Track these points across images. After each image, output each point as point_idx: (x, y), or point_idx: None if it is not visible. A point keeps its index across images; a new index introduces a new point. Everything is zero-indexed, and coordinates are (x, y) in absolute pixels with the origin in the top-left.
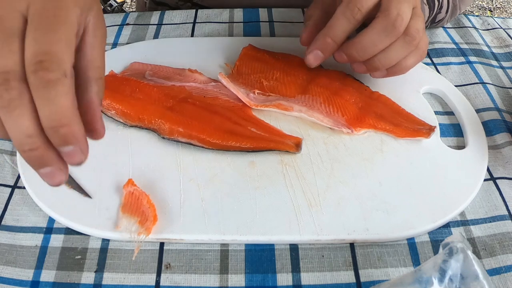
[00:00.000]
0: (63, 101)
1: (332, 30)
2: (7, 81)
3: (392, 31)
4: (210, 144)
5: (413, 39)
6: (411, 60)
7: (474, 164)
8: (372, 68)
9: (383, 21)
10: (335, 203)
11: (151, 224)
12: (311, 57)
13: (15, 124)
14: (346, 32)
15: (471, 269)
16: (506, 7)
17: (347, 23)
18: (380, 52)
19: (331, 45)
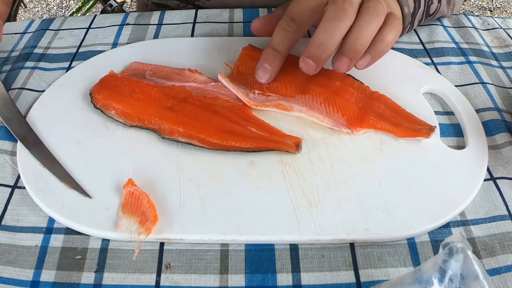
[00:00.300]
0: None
1: (272, 41)
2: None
3: (344, 14)
4: (210, 144)
5: (376, 10)
6: (388, 34)
7: (474, 164)
8: (352, 53)
9: (331, 9)
10: (335, 203)
11: (151, 224)
12: (260, 72)
13: None
14: (287, 40)
15: (471, 269)
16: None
17: (284, 32)
18: (350, 33)
19: (273, 54)
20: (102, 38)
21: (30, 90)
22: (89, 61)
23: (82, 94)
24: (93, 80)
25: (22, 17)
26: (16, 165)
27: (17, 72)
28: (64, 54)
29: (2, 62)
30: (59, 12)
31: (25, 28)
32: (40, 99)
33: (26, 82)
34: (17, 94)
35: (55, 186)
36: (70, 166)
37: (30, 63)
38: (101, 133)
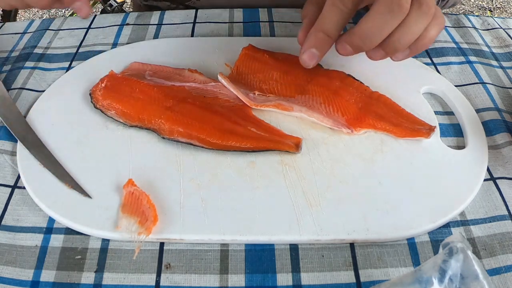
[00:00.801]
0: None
1: (323, 23)
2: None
3: (398, 10)
4: (210, 144)
5: (429, 7)
6: (432, 31)
7: (474, 164)
8: (392, 51)
9: (386, 1)
10: (335, 203)
11: (151, 224)
12: (305, 57)
13: None
14: (339, 23)
15: (471, 269)
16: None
17: (338, 12)
18: (396, 31)
19: (325, 40)
20: (102, 38)
21: (30, 90)
22: (89, 61)
23: (82, 94)
24: (93, 80)
25: (22, 17)
26: (16, 165)
27: (17, 72)
28: (64, 54)
29: (2, 62)
30: (59, 12)
31: (25, 28)
32: (40, 99)
33: (26, 82)
34: (17, 94)
35: (55, 186)
36: (70, 166)
37: (30, 63)
38: (101, 133)
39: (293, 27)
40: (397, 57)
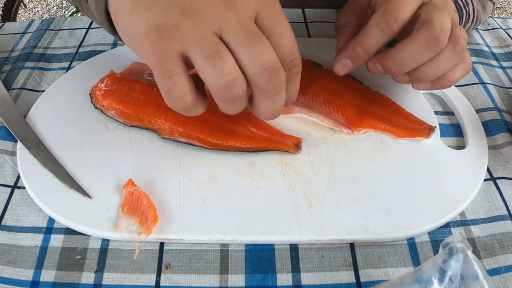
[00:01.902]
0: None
1: (365, 40)
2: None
3: (436, 45)
4: (210, 144)
5: (462, 49)
6: (458, 73)
7: (474, 164)
8: (416, 80)
9: (426, 34)
10: (335, 203)
11: (152, 224)
12: (339, 66)
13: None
14: (379, 44)
15: (471, 269)
16: (506, 7)
17: (381, 34)
18: (426, 64)
19: (361, 55)
20: (102, 38)
21: (30, 90)
22: (89, 61)
23: (82, 94)
24: (93, 80)
25: (22, 17)
26: (16, 165)
27: (17, 72)
28: (64, 54)
29: (2, 62)
30: (59, 12)
31: (25, 28)
32: (40, 99)
33: (26, 82)
34: (17, 94)
35: (55, 186)
36: (70, 166)
37: (30, 63)
38: (101, 133)
39: (293, 27)
40: (417, 86)
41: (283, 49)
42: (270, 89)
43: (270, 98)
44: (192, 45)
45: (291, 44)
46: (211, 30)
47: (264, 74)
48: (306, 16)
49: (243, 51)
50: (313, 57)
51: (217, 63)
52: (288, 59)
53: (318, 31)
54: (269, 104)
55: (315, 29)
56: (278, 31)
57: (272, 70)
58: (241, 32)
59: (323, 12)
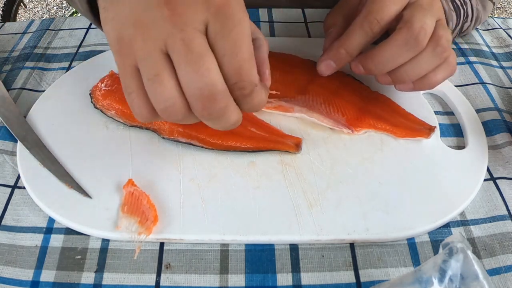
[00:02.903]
0: (259, 99)
1: (348, 41)
2: (215, 94)
3: (414, 45)
4: (210, 144)
5: (443, 50)
6: (440, 74)
7: (474, 164)
8: (398, 81)
9: (405, 34)
10: (335, 203)
11: (152, 224)
12: (323, 66)
13: (227, 121)
14: (361, 45)
15: (471, 269)
16: (506, 7)
17: (363, 35)
18: (406, 64)
19: (344, 56)
20: (102, 38)
21: (30, 90)
22: (89, 61)
23: (82, 94)
24: (93, 80)
25: (22, 17)
26: (16, 165)
27: (17, 72)
28: (64, 54)
29: (2, 62)
30: (59, 12)
31: (25, 28)
32: (40, 99)
33: (26, 82)
34: (17, 94)
35: (55, 186)
36: (70, 166)
37: (30, 63)
38: (101, 133)
39: (293, 27)
40: (399, 87)
41: (227, 69)
42: (206, 116)
43: (211, 122)
44: (140, 63)
45: (236, 64)
46: (158, 47)
47: (199, 100)
48: (306, 16)
49: (182, 73)
50: (313, 57)
51: (156, 87)
52: (232, 80)
53: (318, 31)
54: (214, 125)
55: (315, 29)
56: (223, 48)
57: (208, 97)
58: (183, 51)
59: (323, 12)
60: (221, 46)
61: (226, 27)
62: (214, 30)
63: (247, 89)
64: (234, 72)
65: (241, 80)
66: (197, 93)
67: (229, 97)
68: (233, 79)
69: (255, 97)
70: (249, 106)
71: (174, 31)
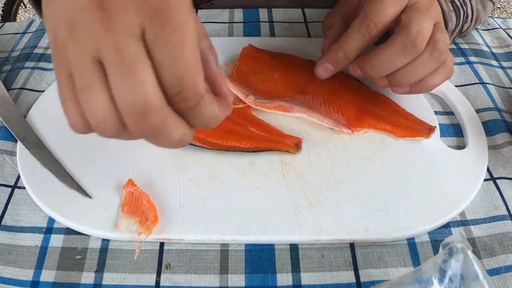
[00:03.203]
0: (209, 113)
1: (345, 45)
2: (147, 109)
3: (412, 49)
4: (210, 144)
5: (441, 54)
6: (437, 78)
7: (474, 164)
8: (395, 84)
9: (402, 38)
10: (335, 203)
11: (152, 224)
12: (320, 70)
13: (168, 139)
14: (359, 48)
15: (471, 269)
16: (506, 7)
17: (361, 39)
18: (404, 68)
19: (342, 60)
20: None
21: (30, 90)
22: None
23: None
24: None
25: (22, 17)
26: (16, 165)
27: (17, 72)
28: None
29: (2, 62)
30: None
31: (25, 28)
32: (40, 99)
33: (26, 82)
34: (17, 94)
35: (55, 186)
36: (70, 166)
37: (30, 63)
38: None
39: (293, 27)
40: (397, 90)
41: (166, 79)
42: (140, 133)
43: (150, 140)
44: (72, 71)
45: (177, 72)
46: (90, 54)
47: (130, 116)
48: (306, 16)
49: (113, 85)
50: (313, 57)
51: (87, 100)
52: (172, 91)
53: (318, 31)
54: (156, 143)
55: (315, 29)
56: (161, 56)
57: (139, 113)
58: (115, 60)
59: (323, 12)
60: (159, 53)
61: (164, 31)
62: (152, 35)
63: (191, 100)
64: (174, 82)
65: (183, 91)
66: (128, 108)
67: (167, 112)
68: (173, 89)
69: (203, 110)
70: (199, 120)
71: (107, 36)
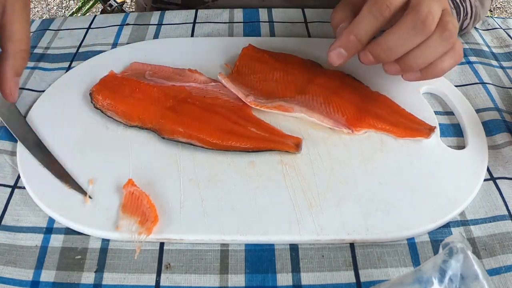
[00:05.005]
0: None
1: (357, 27)
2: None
3: (422, 29)
4: (210, 144)
5: (451, 35)
6: (447, 61)
7: (474, 164)
8: (406, 68)
9: (412, 18)
10: (335, 203)
11: (152, 224)
12: (333, 55)
13: None
14: (372, 31)
15: (471, 269)
16: (506, 7)
17: (374, 20)
18: (415, 49)
19: (355, 43)
20: (102, 38)
21: (30, 90)
22: (89, 61)
23: (82, 94)
24: (93, 80)
25: None
26: (16, 165)
27: None
28: (64, 54)
29: None
30: (59, 12)
31: None
32: (40, 99)
33: (26, 82)
34: None
35: (55, 186)
36: (70, 166)
37: (30, 63)
38: (101, 133)
39: (293, 27)
40: (407, 76)
41: None
42: None
43: None
44: None
45: None
46: None
47: None
48: (306, 16)
49: None
50: (313, 57)
51: None
52: None
53: (318, 31)
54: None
55: (315, 29)
56: None
57: None
58: None
59: (323, 12)
60: None
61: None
62: None
63: None
64: None
65: None
66: None
67: None
68: None
69: None
70: None
71: None
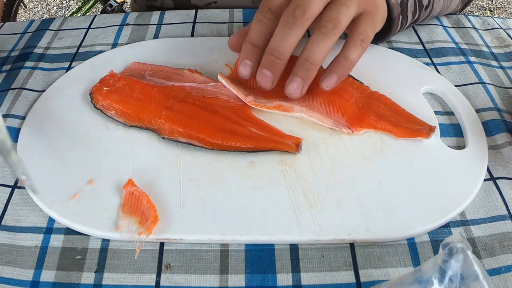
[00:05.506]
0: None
1: (249, 35)
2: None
3: (294, 22)
4: (210, 144)
5: (323, 27)
6: (352, 53)
7: (474, 164)
8: (304, 73)
9: (284, 14)
10: (335, 203)
11: (152, 224)
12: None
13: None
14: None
15: (471, 269)
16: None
17: (259, 23)
18: (303, 49)
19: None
20: (102, 38)
21: (30, 90)
22: (89, 61)
23: (82, 94)
24: (93, 80)
25: (22, 17)
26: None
27: (17, 72)
28: (64, 54)
29: (2, 62)
30: (59, 12)
31: (25, 28)
32: (40, 99)
33: (26, 82)
34: (17, 94)
35: (55, 186)
36: (70, 166)
37: (30, 63)
38: (101, 133)
39: None
40: (327, 85)
41: None
42: None
43: None
44: None
45: None
46: None
47: None
48: None
49: None
50: None
51: None
52: None
53: None
54: None
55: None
56: None
57: None
58: None
59: None
60: None
61: None
62: None
63: None
64: None
65: None
66: None
67: None
68: None
69: None
70: None
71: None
